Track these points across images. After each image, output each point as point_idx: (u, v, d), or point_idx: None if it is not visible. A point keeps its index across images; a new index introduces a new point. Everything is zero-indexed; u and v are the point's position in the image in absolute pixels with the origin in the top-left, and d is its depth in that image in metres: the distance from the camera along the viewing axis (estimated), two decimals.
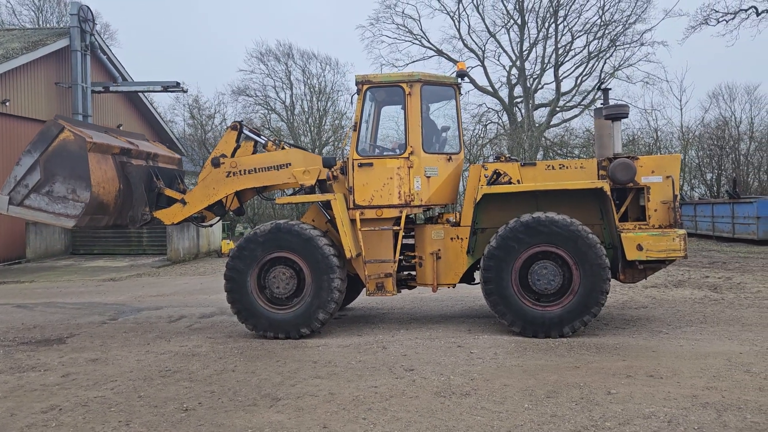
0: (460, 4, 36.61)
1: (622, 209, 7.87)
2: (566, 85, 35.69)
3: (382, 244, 8.19)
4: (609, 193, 7.48)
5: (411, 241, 8.44)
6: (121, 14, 71.45)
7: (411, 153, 8.09)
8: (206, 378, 6.09)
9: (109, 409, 5.23)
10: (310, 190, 8.63)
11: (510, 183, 7.87)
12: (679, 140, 33.77)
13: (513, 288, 7.49)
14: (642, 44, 34.35)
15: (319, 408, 5.10)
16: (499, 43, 36.89)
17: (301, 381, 5.88)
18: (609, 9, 34.64)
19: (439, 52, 37.55)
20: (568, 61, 35.56)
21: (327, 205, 8.27)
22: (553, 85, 35.83)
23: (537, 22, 35.73)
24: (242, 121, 9.12)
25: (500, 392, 5.34)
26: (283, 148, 8.83)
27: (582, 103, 35.22)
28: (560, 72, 35.48)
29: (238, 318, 8.05)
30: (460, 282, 8.33)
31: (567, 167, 8.01)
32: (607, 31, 34.79)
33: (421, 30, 37.72)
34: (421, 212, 8.59)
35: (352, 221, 8.09)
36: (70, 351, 7.51)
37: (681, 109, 41.86)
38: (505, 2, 35.87)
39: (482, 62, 36.95)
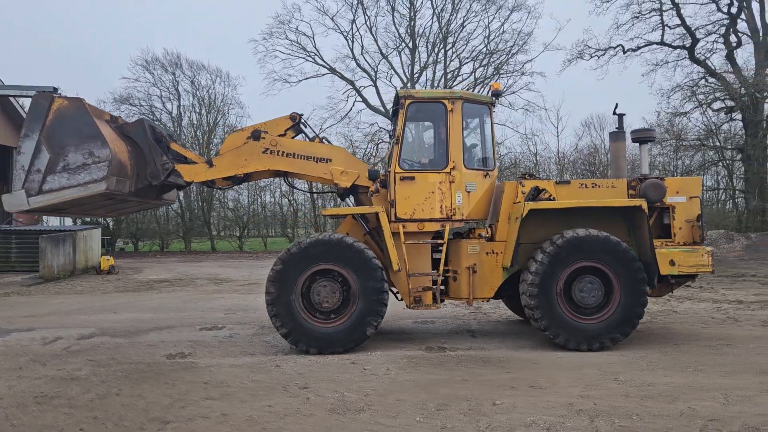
0: (354, 25, 37.28)
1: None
2: None
3: (421, 258, 8.27)
4: (647, 210, 7.87)
5: (437, 255, 8.44)
6: None
7: (453, 168, 8.22)
8: (88, 403, 5.76)
9: None
10: (343, 194, 8.60)
11: (551, 199, 8.08)
12: (556, 165, 36.16)
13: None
14: (523, 74, 36.58)
15: (211, 430, 4.99)
16: (391, 64, 37.88)
17: (191, 403, 5.71)
18: (494, 39, 36.68)
19: (333, 70, 37.92)
20: (457, 85, 37.10)
21: (363, 218, 8.31)
22: None
23: (427, 47, 37.13)
24: (302, 115, 8.85)
25: (394, 407, 5.48)
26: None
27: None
28: None
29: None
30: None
31: (599, 186, 8.34)
32: (492, 60, 36.75)
33: (315, 47, 37.96)
34: (461, 227, 8.66)
35: (395, 234, 8.08)
36: None
37: (558, 136, 44.97)
38: (397, 26, 36.99)
39: (374, 82, 37.74)
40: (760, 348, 7.66)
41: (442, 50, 36.89)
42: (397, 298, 8.69)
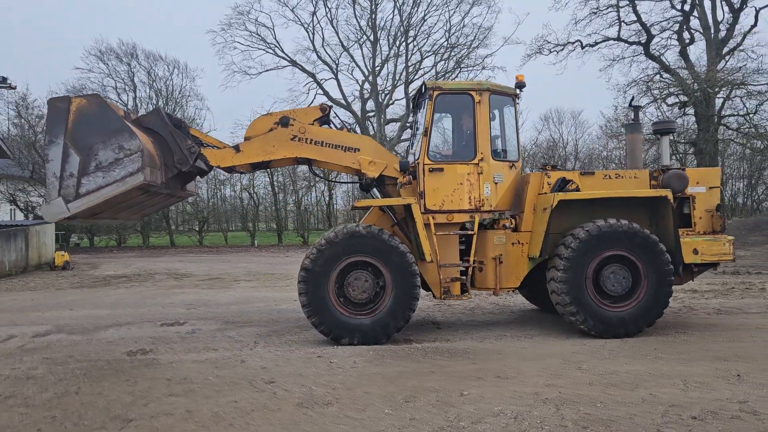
0: (315, 17, 37.05)
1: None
2: None
3: (450, 249, 8.24)
4: (672, 201, 7.95)
5: (461, 246, 8.40)
6: None
7: (481, 159, 8.21)
8: (45, 402, 5.57)
9: None
10: (369, 184, 8.54)
11: (577, 190, 8.10)
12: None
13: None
14: (484, 68, 36.98)
15: (176, 427, 4.87)
16: (352, 57, 37.76)
17: (154, 400, 5.58)
18: (455, 33, 36.97)
19: (293, 63, 37.60)
20: (418, 79, 37.23)
21: (391, 209, 8.28)
22: (404, 101, 37.30)
23: (389, 40, 37.11)
24: (332, 107, 8.81)
25: (362, 400, 5.45)
26: None
27: None
28: (410, 89, 37.02)
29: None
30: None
31: (622, 177, 8.43)
32: (453, 53, 37.00)
33: (275, 39, 37.63)
34: (490, 218, 8.62)
35: (426, 225, 8.01)
36: None
37: (517, 130, 45.35)
38: (358, 18, 36.93)
39: (336, 75, 37.57)
40: (715, 335, 7.90)
41: (404, 43, 36.96)
42: (424, 290, 8.61)
